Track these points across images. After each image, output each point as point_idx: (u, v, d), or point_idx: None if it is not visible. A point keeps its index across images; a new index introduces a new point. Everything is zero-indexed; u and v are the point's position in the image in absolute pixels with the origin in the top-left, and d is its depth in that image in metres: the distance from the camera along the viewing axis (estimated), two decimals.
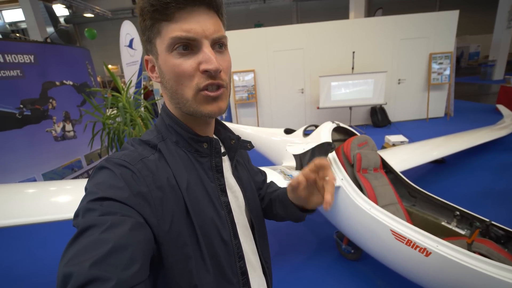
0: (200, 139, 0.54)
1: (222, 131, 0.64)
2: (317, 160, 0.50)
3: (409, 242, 1.40)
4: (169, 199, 0.47)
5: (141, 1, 0.46)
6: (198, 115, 0.50)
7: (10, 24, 14.34)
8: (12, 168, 3.31)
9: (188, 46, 0.46)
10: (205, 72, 0.47)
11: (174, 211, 0.47)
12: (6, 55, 3.23)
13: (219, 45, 0.49)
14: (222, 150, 0.63)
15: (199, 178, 0.53)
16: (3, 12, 14.50)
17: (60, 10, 13.52)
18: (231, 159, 0.64)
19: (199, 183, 0.52)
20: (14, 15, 14.24)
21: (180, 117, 0.54)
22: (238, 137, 0.63)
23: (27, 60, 3.42)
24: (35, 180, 3.46)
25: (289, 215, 0.70)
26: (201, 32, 0.46)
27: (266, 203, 0.77)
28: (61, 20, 13.60)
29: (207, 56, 0.46)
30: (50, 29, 8.29)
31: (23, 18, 8.77)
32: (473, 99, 7.95)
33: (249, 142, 0.66)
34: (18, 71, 3.35)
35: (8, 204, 1.41)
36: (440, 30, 5.81)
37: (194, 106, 0.49)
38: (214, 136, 0.64)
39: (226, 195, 0.57)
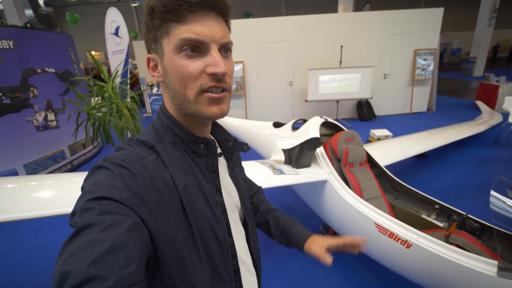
0: (197, 140, 0.55)
1: (219, 132, 0.65)
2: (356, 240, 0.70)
3: (391, 235, 1.48)
4: (166, 200, 0.47)
5: (152, 0, 0.46)
6: (200, 116, 0.51)
7: None
8: None
9: (196, 48, 0.47)
10: (212, 75, 0.48)
11: (171, 212, 0.48)
12: None
13: (224, 50, 0.51)
14: (219, 151, 0.64)
15: (196, 179, 0.54)
16: None
17: None
18: (228, 161, 0.66)
19: (195, 183, 0.53)
20: None
21: (178, 117, 0.55)
22: (235, 139, 0.64)
23: (5, 45, 3.22)
24: (15, 171, 3.34)
25: (284, 243, 0.82)
26: (210, 36, 0.47)
27: (260, 219, 0.85)
28: (41, 2, 12.85)
29: (215, 60, 0.47)
30: (29, 12, 7.81)
31: None
32: (454, 95, 8.24)
33: (246, 144, 0.67)
34: None
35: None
36: (425, 26, 5.94)
37: (196, 107, 0.50)
38: (211, 137, 0.64)
39: (221, 195, 0.58)
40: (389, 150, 2.89)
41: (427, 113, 6.42)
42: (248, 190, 0.83)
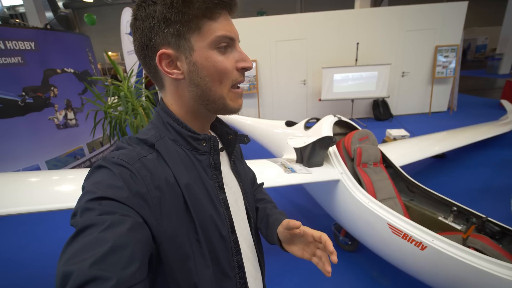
0: (199, 137, 0.54)
1: (219, 126, 0.65)
2: (325, 238, 0.53)
3: (405, 236, 1.43)
4: (168, 198, 0.47)
5: None
6: (226, 110, 0.54)
7: (8, 8, 14.00)
8: (16, 155, 3.33)
9: (227, 44, 0.50)
10: (242, 69, 0.52)
11: (173, 210, 0.47)
12: (6, 42, 3.19)
13: None
14: (220, 145, 0.63)
15: (199, 176, 0.53)
16: None
17: None
18: (229, 154, 0.65)
19: (199, 181, 0.53)
20: None
21: (179, 114, 0.54)
22: (235, 132, 0.63)
23: (27, 47, 3.37)
24: (38, 167, 3.50)
25: (265, 234, 0.71)
26: (235, 33, 0.51)
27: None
28: (60, 4, 13.34)
29: (245, 55, 0.52)
30: (49, 14, 8.13)
31: (21, 2, 8.55)
32: (477, 94, 7.88)
33: (246, 136, 0.66)
34: (19, 58, 3.31)
35: (16, 192, 1.44)
36: (447, 21, 5.69)
37: (225, 102, 0.53)
38: (212, 133, 0.64)
39: (223, 192, 0.57)
40: (405, 150, 2.81)
41: (447, 113, 6.17)
42: (251, 185, 0.81)
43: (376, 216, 1.62)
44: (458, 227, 1.65)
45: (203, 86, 0.50)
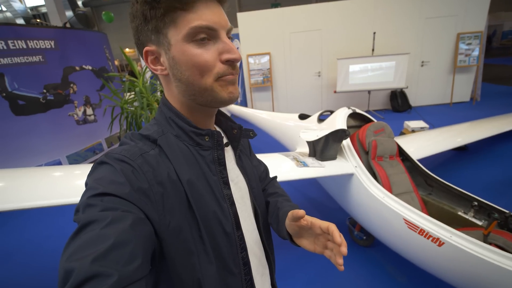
0: (202, 132, 0.53)
1: (224, 120, 0.64)
2: (332, 228, 0.49)
3: (422, 232, 1.39)
4: (170, 194, 0.47)
5: None
6: (216, 102, 0.50)
7: (31, 8, 14.61)
8: (38, 150, 3.49)
9: (207, 36, 0.46)
10: (227, 61, 0.48)
11: (176, 206, 0.47)
12: (28, 41, 3.32)
13: (228, 37, 0.50)
14: (225, 141, 0.62)
15: (202, 172, 0.52)
16: None
17: None
18: (234, 149, 0.64)
19: (201, 177, 0.52)
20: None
21: (181, 110, 0.53)
22: (240, 126, 0.62)
23: (48, 45, 3.51)
24: (60, 162, 3.66)
25: (276, 229, 0.68)
26: (218, 22, 0.47)
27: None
28: (79, 3, 13.72)
29: (229, 46, 0.47)
30: (69, 13, 8.39)
31: (43, 2, 8.87)
32: (503, 82, 7.45)
33: (252, 131, 0.64)
34: (40, 56, 3.45)
35: (37, 186, 1.51)
36: (470, 7, 5.37)
37: (214, 94, 0.49)
38: (217, 128, 0.64)
39: (228, 188, 0.56)
40: (424, 143, 2.71)
41: (470, 103, 5.88)
42: (261, 180, 0.79)
43: (391, 211, 1.58)
44: (479, 223, 1.58)
45: (185, 80, 0.48)
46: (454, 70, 5.72)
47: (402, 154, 2.13)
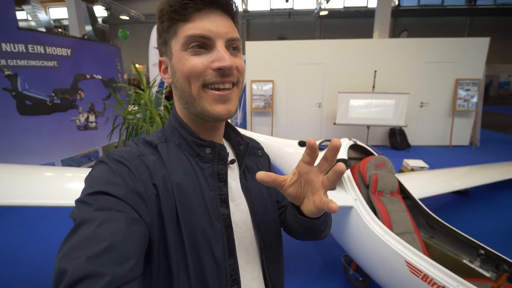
0: (203, 143, 0.51)
1: (233, 135, 0.61)
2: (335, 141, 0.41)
3: (425, 277, 1.30)
4: (163, 199, 0.46)
5: (161, 4, 0.47)
6: (205, 115, 0.49)
7: (55, 20, 15.55)
8: (35, 151, 3.50)
9: (203, 45, 0.47)
10: (218, 70, 0.46)
11: (166, 214, 0.45)
12: (46, 47, 3.50)
13: (232, 47, 0.50)
14: (232, 157, 0.59)
15: (198, 185, 0.49)
16: (50, 9, 16.19)
17: (100, 11, 14.60)
18: (239, 166, 0.59)
19: (197, 189, 0.49)
20: (59, 12, 15.75)
21: (186, 120, 0.53)
22: (247, 143, 0.59)
23: (64, 53, 3.69)
24: (54, 165, 3.59)
25: (295, 223, 0.55)
26: (215, 31, 0.46)
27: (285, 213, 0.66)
28: (99, 20, 14.48)
29: (221, 54, 0.46)
30: (88, 27, 8.87)
31: (66, 16, 9.54)
32: (502, 130, 7.57)
33: (260, 149, 0.62)
34: (55, 62, 3.61)
35: (30, 184, 1.46)
36: (468, 56, 5.60)
37: (201, 104, 0.48)
38: (225, 142, 0.60)
39: (227, 207, 0.51)
40: (424, 182, 2.66)
41: (469, 148, 5.92)
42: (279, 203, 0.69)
43: (392, 250, 1.49)
44: (487, 274, 1.48)
45: (179, 87, 0.49)
46: (453, 114, 5.82)
47: (403, 192, 2.08)
